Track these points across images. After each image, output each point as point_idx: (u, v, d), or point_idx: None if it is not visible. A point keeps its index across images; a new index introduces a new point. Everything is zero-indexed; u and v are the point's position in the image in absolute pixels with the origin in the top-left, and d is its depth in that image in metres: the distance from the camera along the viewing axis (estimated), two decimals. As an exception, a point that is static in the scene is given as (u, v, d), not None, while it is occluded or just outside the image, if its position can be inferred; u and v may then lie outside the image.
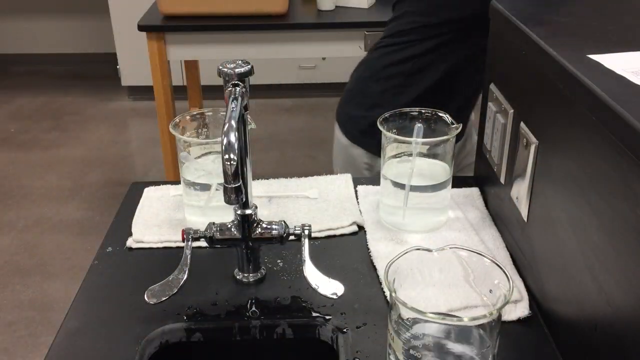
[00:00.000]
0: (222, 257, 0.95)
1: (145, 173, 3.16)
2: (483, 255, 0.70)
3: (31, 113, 3.79)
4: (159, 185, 1.14)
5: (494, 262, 0.69)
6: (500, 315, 0.66)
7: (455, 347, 0.68)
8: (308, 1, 2.26)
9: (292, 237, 0.87)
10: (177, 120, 0.98)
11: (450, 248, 0.72)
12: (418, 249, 0.71)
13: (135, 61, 3.67)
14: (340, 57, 2.13)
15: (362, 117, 1.42)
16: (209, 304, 0.87)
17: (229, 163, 0.70)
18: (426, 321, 0.66)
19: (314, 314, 0.85)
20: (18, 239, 2.64)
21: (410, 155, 0.96)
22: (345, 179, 1.15)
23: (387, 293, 0.85)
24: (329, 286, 0.83)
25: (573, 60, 0.72)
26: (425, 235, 0.99)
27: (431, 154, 0.97)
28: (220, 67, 0.79)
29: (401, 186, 0.97)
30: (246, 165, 0.84)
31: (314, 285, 0.83)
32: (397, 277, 0.68)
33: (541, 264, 0.83)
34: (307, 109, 3.78)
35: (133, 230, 1.02)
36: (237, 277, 0.91)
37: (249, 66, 0.79)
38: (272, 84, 3.79)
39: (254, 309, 0.87)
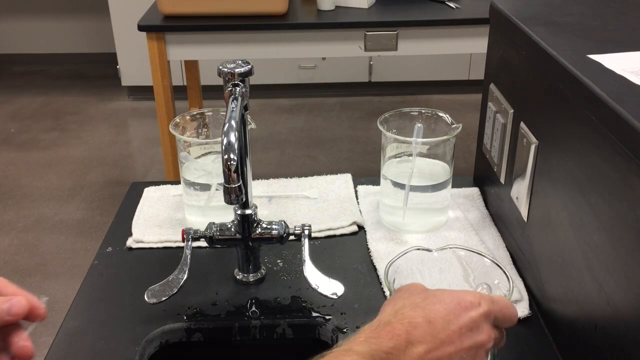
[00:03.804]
0: (222, 257, 0.96)
1: (145, 173, 3.16)
2: (483, 255, 0.70)
3: (31, 113, 3.79)
4: (159, 185, 1.14)
5: (494, 262, 0.69)
6: (500, 315, 0.66)
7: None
8: (308, 1, 2.26)
9: (292, 237, 0.87)
10: (177, 120, 0.98)
11: (450, 248, 0.72)
12: (418, 249, 0.71)
13: (135, 61, 3.67)
14: (340, 57, 2.12)
15: None
16: (209, 304, 0.87)
17: (229, 163, 0.70)
18: (426, 321, 0.66)
19: (314, 314, 0.85)
20: (18, 239, 2.64)
21: (410, 155, 0.96)
22: (345, 179, 1.15)
23: (387, 293, 0.85)
24: (329, 286, 0.83)
25: (573, 60, 0.72)
26: (425, 235, 0.99)
27: (431, 154, 0.97)
28: (220, 67, 0.79)
29: (401, 186, 0.97)
30: (246, 165, 0.84)
31: (314, 285, 0.83)
32: (397, 277, 0.68)
33: (541, 264, 0.83)
34: (307, 109, 3.78)
35: (133, 230, 1.02)
36: (237, 277, 0.91)
37: (249, 66, 0.79)
38: (272, 84, 3.79)
39: (254, 309, 0.86)
